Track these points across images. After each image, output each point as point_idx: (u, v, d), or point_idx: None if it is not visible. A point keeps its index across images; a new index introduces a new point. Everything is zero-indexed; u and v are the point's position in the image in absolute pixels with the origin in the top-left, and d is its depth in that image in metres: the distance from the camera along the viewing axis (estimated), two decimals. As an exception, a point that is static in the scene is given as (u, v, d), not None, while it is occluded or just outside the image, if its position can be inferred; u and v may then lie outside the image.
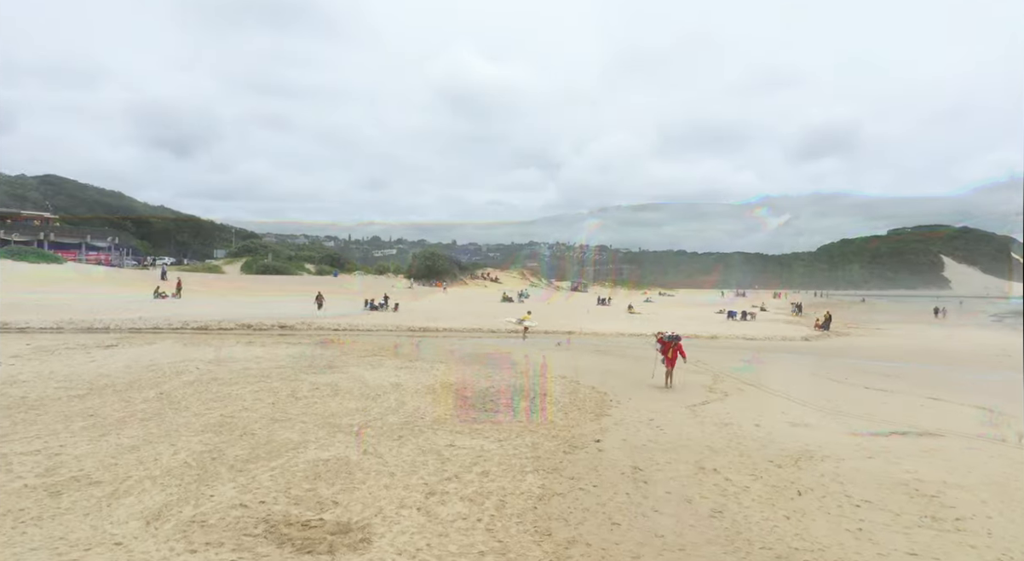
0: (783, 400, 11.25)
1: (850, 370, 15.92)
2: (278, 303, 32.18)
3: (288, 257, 66.44)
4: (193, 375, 11.51)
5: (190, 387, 10.37)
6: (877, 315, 53.80)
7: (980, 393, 12.65)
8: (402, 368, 13.09)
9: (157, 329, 23.24)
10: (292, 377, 11.51)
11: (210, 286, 44.42)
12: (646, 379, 12.48)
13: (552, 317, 30.56)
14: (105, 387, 10.13)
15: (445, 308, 35.42)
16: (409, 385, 11.12)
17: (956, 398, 11.95)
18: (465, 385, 11.34)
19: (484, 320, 27.72)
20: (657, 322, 30.82)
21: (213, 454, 6.59)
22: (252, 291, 42.50)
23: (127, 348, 14.82)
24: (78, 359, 12.74)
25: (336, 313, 28.01)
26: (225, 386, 10.54)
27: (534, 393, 10.85)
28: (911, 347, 22.65)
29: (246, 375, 11.65)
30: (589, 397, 10.71)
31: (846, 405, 10.89)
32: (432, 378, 11.98)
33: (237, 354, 14.63)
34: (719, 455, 7.29)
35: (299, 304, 31.52)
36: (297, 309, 29.98)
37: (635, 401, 10.58)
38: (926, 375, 15.49)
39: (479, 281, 71.10)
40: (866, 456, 7.40)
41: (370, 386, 10.91)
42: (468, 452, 7.01)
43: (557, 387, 11.47)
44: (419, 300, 41.28)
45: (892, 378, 14.51)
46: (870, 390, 12.79)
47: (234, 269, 59.54)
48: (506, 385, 11.48)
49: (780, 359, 18.51)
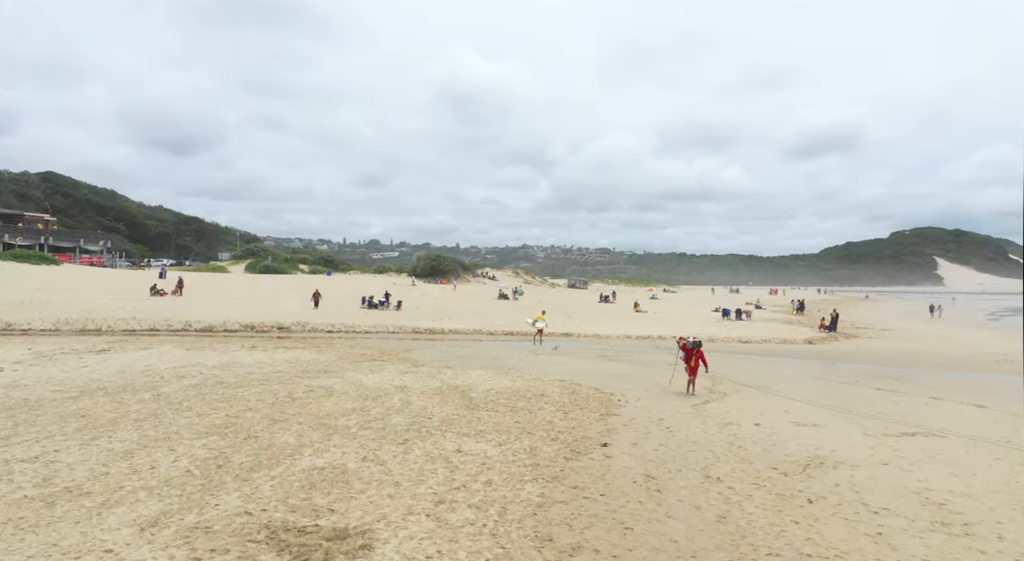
0: (789, 401, 11.13)
1: (858, 374, 15.73)
2: (278, 300, 32.04)
3: (285, 259, 67.65)
4: (195, 380, 11.40)
5: (190, 391, 10.27)
6: (880, 313, 53.66)
7: (980, 392, 12.89)
8: (406, 373, 12.94)
9: (154, 331, 23.09)
10: (290, 381, 11.40)
11: (214, 284, 44.28)
12: (661, 385, 12.37)
13: (552, 315, 30.23)
14: (97, 390, 10.11)
15: (448, 307, 35.27)
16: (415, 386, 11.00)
17: (957, 398, 11.98)
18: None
19: (487, 319, 27.59)
20: (665, 322, 30.70)
21: (219, 460, 6.46)
22: (253, 289, 42.38)
23: (123, 354, 14.68)
24: (71, 365, 12.64)
25: (332, 311, 27.83)
26: (230, 389, 10.47)
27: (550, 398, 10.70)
28: (918, 351, 22.29)
29: (249, 379, 11.54)
30: (592, 397, 10.59)
31: (854, 406, 10.79)
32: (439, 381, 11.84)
33: (239, 357, 14.50)
34: (721, 462, 7.13)
35: (296, 302, 31.39)
36: (295, 307, 29.85)
37: (644, 401, 10.48)
38: (931, 379, 15.32)
39: (480, 279, 73.20)
40: (880, 463, 7.26)
41: (370, 388, 10.79)
42: (475, 459, 6.86)
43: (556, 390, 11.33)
44: (423, 298, 41.19)
45: (900, 382, 14.37)
46: (881, 391, 12.70)
47: (239, 269, 61.49)
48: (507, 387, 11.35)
49: (781, 366, 18.20)
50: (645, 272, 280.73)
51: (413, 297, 41.85)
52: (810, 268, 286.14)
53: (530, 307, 38.75)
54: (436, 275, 64.51)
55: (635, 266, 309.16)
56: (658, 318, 34.11)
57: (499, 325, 25.87)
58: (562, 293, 70.17)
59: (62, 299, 26.42)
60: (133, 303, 27.29)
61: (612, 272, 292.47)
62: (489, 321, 27.56)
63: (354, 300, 31.85)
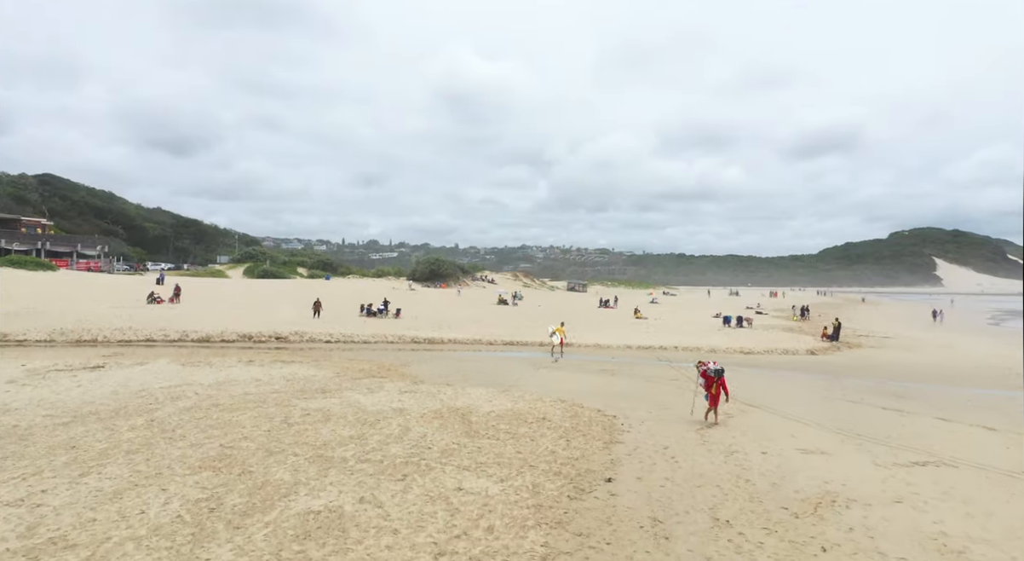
0: (796, 424, 10.93)
1: (863, 390, 15.51)
2: (276, 307, 31.83)
3: (283, 262, 67.39)
4: (190, 401, 11.19)
5: (185, 415, 10.05)
6: (881, 318, 53.44)
7: (988, 411, 12.74)
8: (405, 392, 12.73)
9: (150, 341, 22.87)
10: (286, 402, 11.19)
11: (212, 290, 44.02)
12: (663, 404, 12.14)
13: (551, 322, 29.81)
14: (89, 415, 9.90)
15: (447, 314, 35.04)
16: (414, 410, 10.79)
17: (964, 419, 11.82)
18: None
19: (487, 328, 27.35)
20: (665, 329, 30.45)
21: (211, 503, 6.23)
22: (251, 295, 42.18)
23: (117, 370, 14.43)
24: (64, 385, 12.40)
25: (331, 320, 27.59)
26: (225, 413, 10.25)
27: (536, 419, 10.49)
28: (922, 362, 22.06)
29: (245, 401, 11.32)
30: (595, 421, 10.39)
31: (862, 429, 10.59)
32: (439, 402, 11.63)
33: (236, 374, 14.27)
34: (730, 501, 6.92)
35: (293, 308, 31.18)
36: (293, 315, 29.64)
37: (648, 424, 10.28)
38: (936, 396, 15.10)
39: (479, 283, 72.96)
40: (893, 500, 7.05)
41: (368, 412, 10.58)
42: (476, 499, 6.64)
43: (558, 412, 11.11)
44: (422, 304, 40.95)
45: (906, 399, 14.16)
46: (887, 411, 12.51)
47: (237, 273, 61.11)
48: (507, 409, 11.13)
49: (785, 381, 17.98)
50: (644, 273, 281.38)
51: (412, 303, 41.63)
52: (809, 269, 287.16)
53: (530, 314, 38.57)
54: (435, 279, 64.39)
55: (634, 267, 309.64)
56: (658, 325, 33.90)
57: (499, 334, 25.68)
58: (561, 297, 70.02)
59: (57, 308, 26.18)
60: (129, 311, 27.07)
61: (611, 273, 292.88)
62: (488, 330, 27.37)
63: (353, 308, 31.63)
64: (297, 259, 72.61)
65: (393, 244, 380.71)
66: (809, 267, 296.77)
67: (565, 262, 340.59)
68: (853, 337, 29.42)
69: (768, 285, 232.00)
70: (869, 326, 38.83)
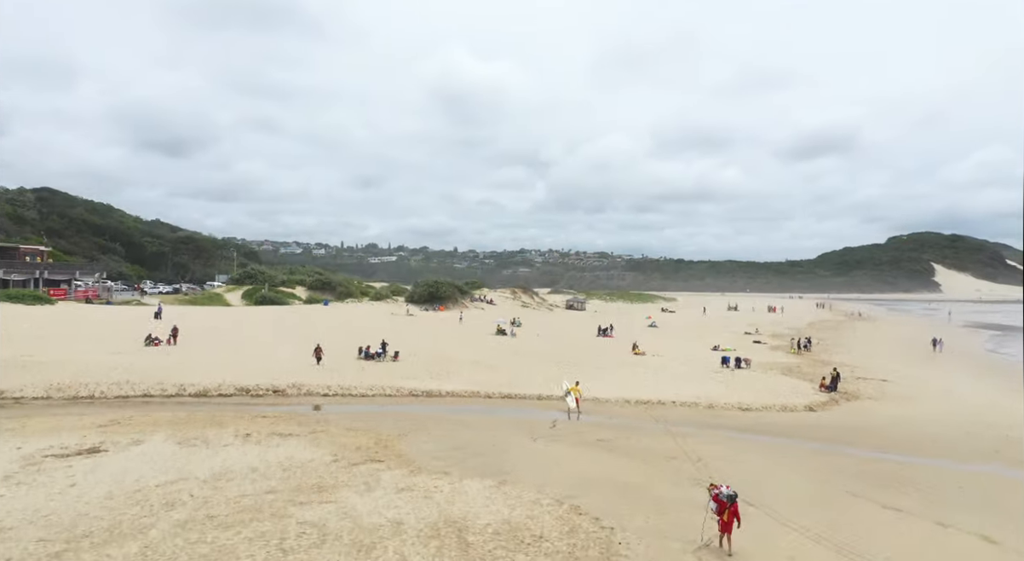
0: (797, 536, 10.92)
1: (861, 474, 15.47)
2: (275, 348, 31.85)
3: (282, 281, 67.48)
4: (186, 511, 11.13)
5: (180, 537, 10.00)
6: (880, 342, 53.45)
7: (987, 511, 12.82)
8: (402, 490, 12.70)
9: (148, 397, 22.86)
10: (282, 512, 11.15)
11: (211, 324, 44.01)
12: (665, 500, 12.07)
13: (547, 363, 29.98)
14: (83, 537, 9.85)
15: (446, 351, 35.08)
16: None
17: (963, 524, 11.88)
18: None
19: (485, 374, 27.33)
20: (663, 372, 30.45)
21: None
22: (250, 327, 42.21)
23: (113, 456, 14.36)
24: (59, 484, 12.34)
25: (330, 365, 27.60)
26: (221, 531, 10.22)
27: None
28: (919, 421, 21.98)
29: (241, 508, 11.28)
30: (592, 541, 10.35)
31: (862, 544, 10.58)
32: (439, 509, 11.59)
33: (232, 461, 14.22)
34: None
35: (294, 346, 31.20)
36: (291, 355, 29.69)
37: (651, 549, 10.23)
38: (933, 480, 15.10)
39: (478, 304, 72.97)
40: None
41: (364, 527, 10.55)
42: None
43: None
44: (422, 337, 40.90)
45: (903, 487, 14.18)
46: (886, 510, 12.53)
47: (236, 297, 61.12)
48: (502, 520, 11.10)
49: (784, 455, 17.85)
50: (643, 279, 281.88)
51: (411, 335, 41.66)
52: (808, 274, 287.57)
53: (528, 349, 38.59)
54: (434, 301, 64.56)
55: (633, 272, 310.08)
56: (656, 364, 33.99)
57: (497, 383, 25.81)
58: (560, 320, 69.74)
59: (55, 357, 26.15)
60: (128, 359, 27.05)
61: (610, 278, 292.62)
62: (487, 375, 27.50)
63: (351, 348, 31.65)
64: (296, 277, 72.58)
65: (392, 247, 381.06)
66: (808, 273, 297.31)
67: (564, 267, 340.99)
68: (852, 380, 29.30)
69: (767, 291, 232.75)
70: (867, 361, 38.76)
